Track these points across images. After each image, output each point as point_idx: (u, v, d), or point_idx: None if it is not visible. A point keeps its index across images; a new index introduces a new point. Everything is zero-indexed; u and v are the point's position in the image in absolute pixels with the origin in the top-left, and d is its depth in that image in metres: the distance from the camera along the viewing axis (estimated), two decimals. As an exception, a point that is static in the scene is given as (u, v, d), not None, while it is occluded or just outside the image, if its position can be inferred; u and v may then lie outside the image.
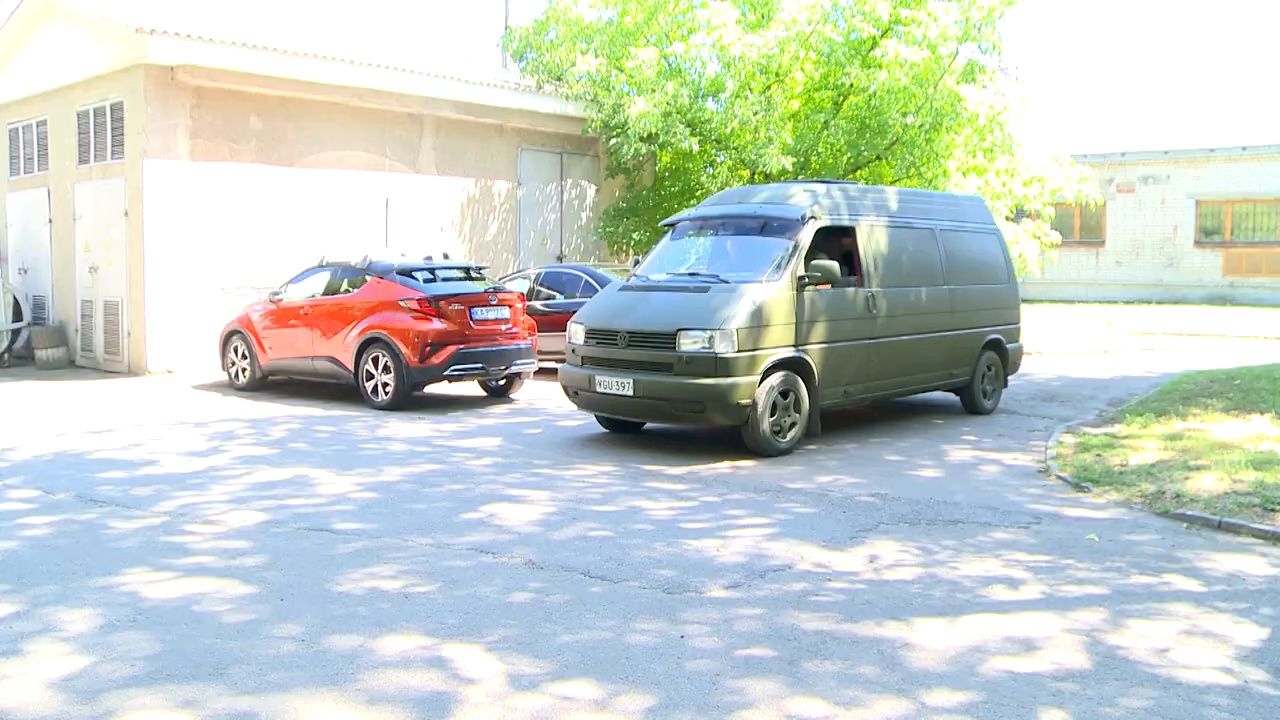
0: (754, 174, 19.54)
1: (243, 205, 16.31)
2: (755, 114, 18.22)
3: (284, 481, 8.49)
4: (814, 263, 9.86)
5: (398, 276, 13.02)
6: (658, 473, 8.94)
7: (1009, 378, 12.89)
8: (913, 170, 18.85)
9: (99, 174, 16.69)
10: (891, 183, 19.85)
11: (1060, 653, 4.86)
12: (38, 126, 18.57)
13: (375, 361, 12.72)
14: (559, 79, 20.46)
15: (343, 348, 13.06)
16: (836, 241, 10.75)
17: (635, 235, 20.47)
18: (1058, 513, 7.54)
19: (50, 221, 18.18)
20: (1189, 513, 7.28)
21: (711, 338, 9.27)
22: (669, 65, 19.70)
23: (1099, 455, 9.24)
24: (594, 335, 10.11)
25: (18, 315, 17.59)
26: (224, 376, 14.89)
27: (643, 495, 8.08)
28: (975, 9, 17.56)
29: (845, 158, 19.83)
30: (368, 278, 13.27)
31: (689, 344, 9.34)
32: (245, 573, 6.03)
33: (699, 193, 20.58)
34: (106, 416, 11.94)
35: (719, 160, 20.06)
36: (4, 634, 5.06)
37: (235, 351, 14.52)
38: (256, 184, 16.45)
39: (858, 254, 10.64)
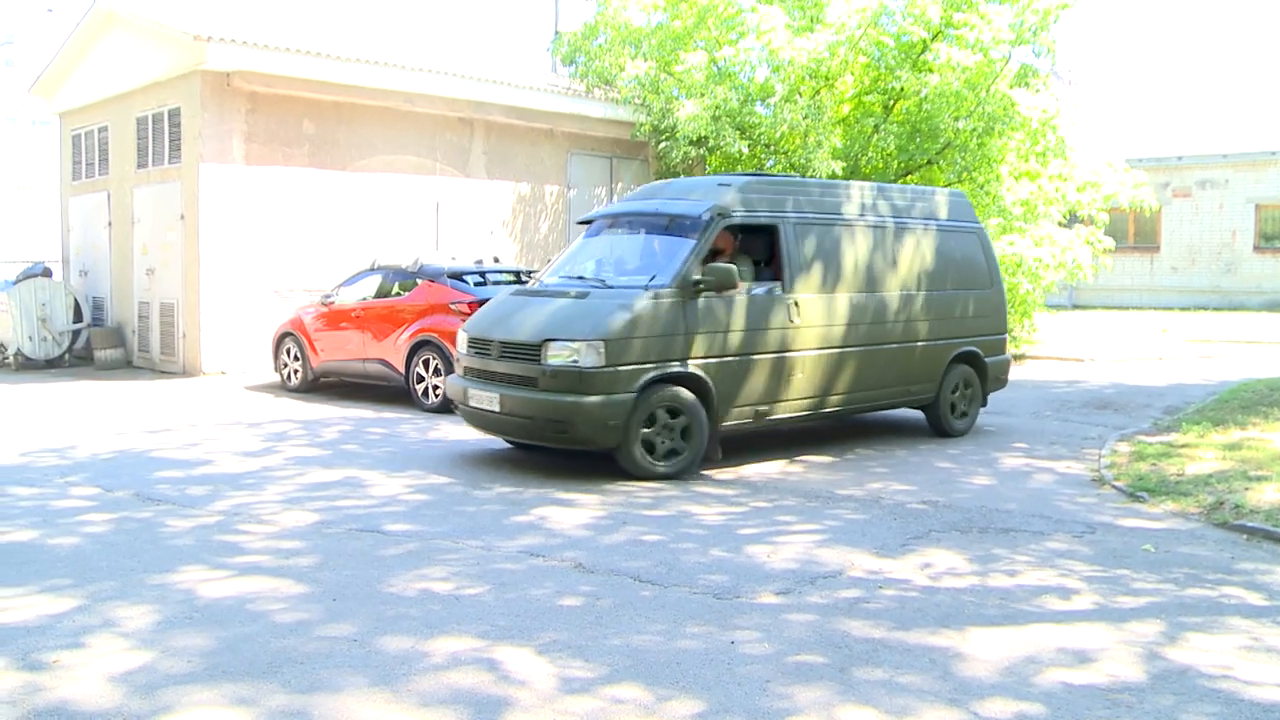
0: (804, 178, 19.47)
1: (296, 209, 16.50)
2: (804, 118, 18.14)
3: (336, 482, 8.57)
4: (708, 266, 8.86)
5: (448, 280, 13.11)
6: (707, 478, 8.92)
7: (991, 394, 11.72)
8: (965, 175, 18.68)
9: (157, 178, 16.96)
10: (942, 188, 19.68)
11: (1116, 665, 4.79)
12: (99, 133, 18.92)
13: (426, 364, 12.81)
14: (608, 83, 20.50)
15: (394, 350, 13.17)
16: (765, 240, 9.70)
17: (684, 239, 20.41)
18: (1113, 522, 7.43)
19: (109, 225, 18.51)
20: (1249, 524, 7.14)
21: (577, 350, 8.43)
22: (718, 69, 19.67)
23: (1155, 464, 9.10)
24: (474, 345, 9.33)
25: (78, 316, 17.91)
26: (276, 378, 15.07)
27: (692, 500, 8.07)
28: (1030, 12, 17.37)
29: (895, 162, 19.69)
30: (419, 281, 13.38)
31: (555, 357, 8.50)
32: (298, 573, 6.10)
33: (748, 197, 20.49)
34: (163, 416, 12.12)
35: (768, 164, 19.99)
36: (67, 628, 5.15)
37: (287, 353, 14.69)
38: (309, 188, 16.63)
39: (778, 255, 9.57)
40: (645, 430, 8.66)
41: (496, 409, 8.90)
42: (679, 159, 19.01)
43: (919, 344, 10.66)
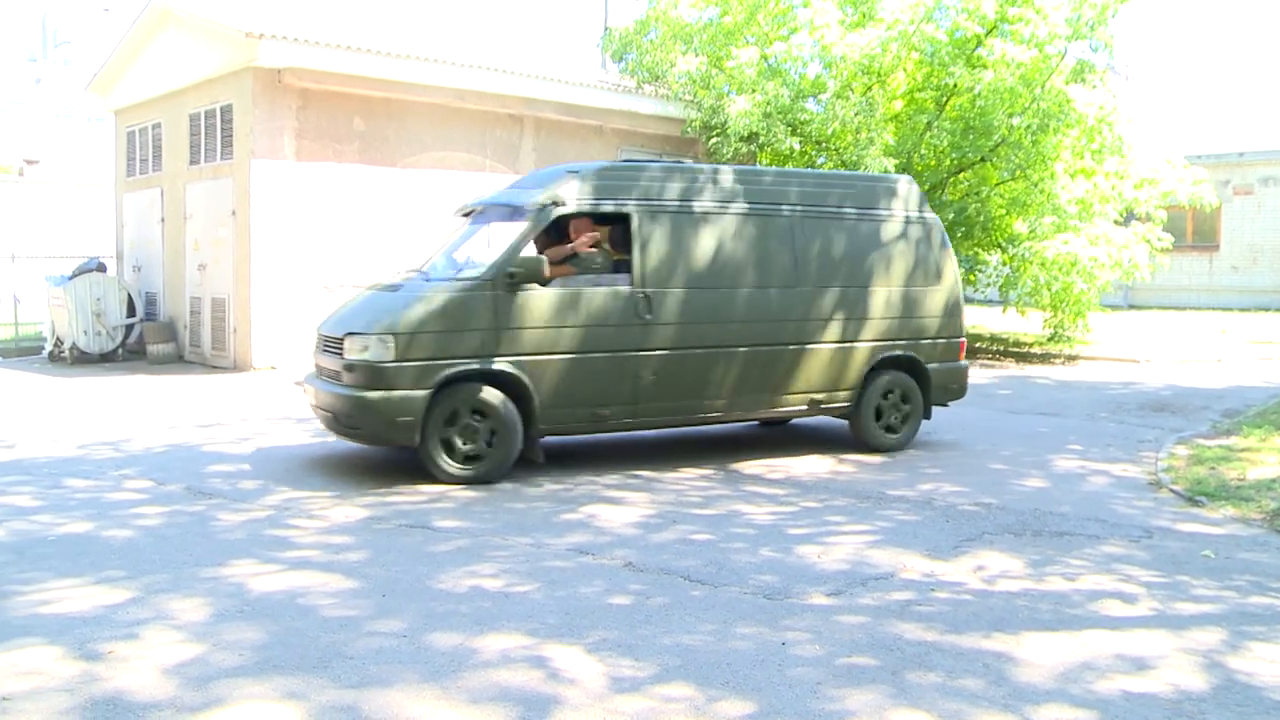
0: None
1: (345, 205, 16.61)
2: (856, 115, 18.00)
3: (385, 478, 8.60)
4: (520, 258, 8.43)
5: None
6: (757, 477, 8.86)
7: (938, 405, 10.55)
8: (1018, 173, 18.46)
9: (209, 174, 17.14)
10: (996, 185, 19.47)
11: (1176, 673, 4.68)
12: (153, 129, 19.16)
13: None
14: (658, 79, 20.46)
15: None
16: (624, 231, 9.06)
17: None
18: (1170, 527, 7.29)
19: (162, 221, 18.73)
20: (1313, 530, 6.99)
21: (369, 344, 8.15)
22: (769, 65, 19.57)
23: (1214, 468, 8.92)
24: (319, 340, 9.11)
25: (131, 311, 18.15)
26: (326, 373, 15.14)
27: (742, 499, 8.02)
28: (1088, 6, 17.10)
29: (948, 160, 19.50)
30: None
31: (350, 351, 8.24)
32: (348, 568, 6.12)
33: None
34: (214, 411, 12.24)
35: (819, 162, 19.86)
36: (122, 619, 5.20)
37: (338, 349, 14.75)
38: (359, 184, 16.73)
39: (630, 246, 8.94)
40: (449, 429, 8.32)
41: (314, 403, 8.81)
42: (729, 155, 18.93)
43: (824, 346, 9.67)
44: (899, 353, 10.08)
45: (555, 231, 9.05)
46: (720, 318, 9.21)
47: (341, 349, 8.36)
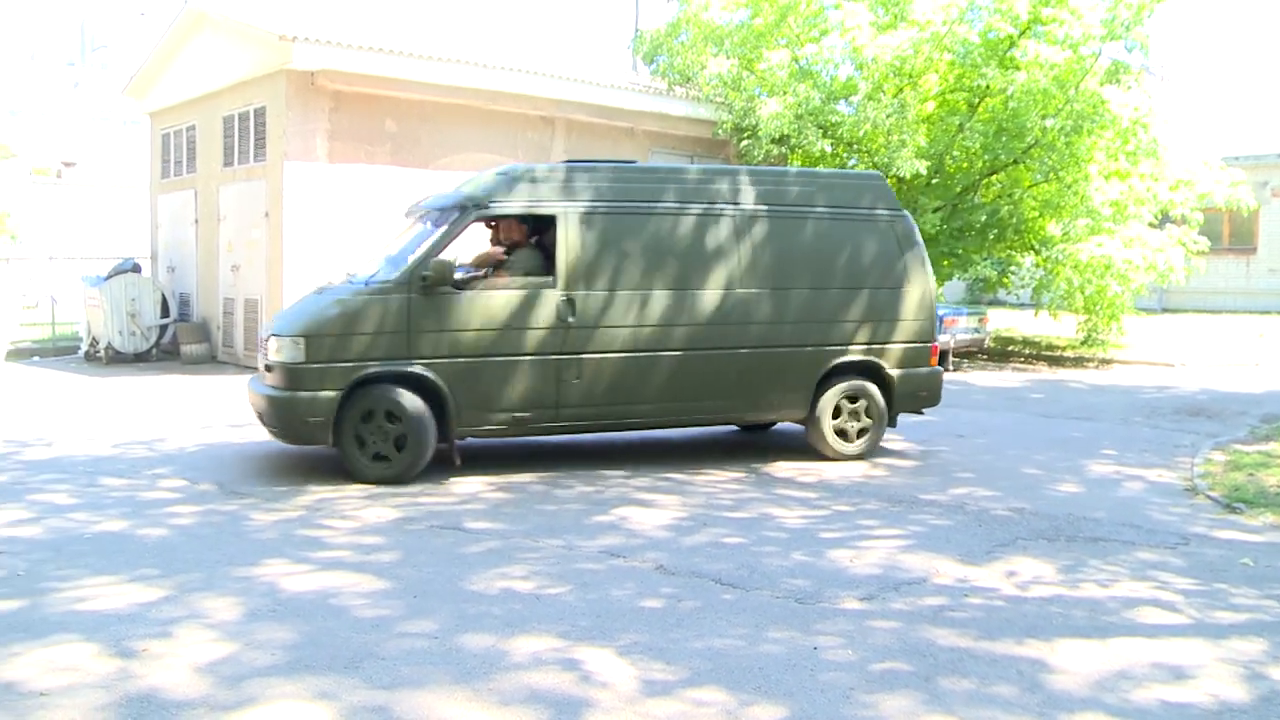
0: (886, 177, 19.22)
1: (378, 207, 16.65)
2: (888, 117, 17.92)
3: (416, 479, 8.62)
4: (432, 260, 8.38)
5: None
6: (789, 480, 8.83)
7: (908, 414, 10.14)
8: (1052, 175, 18.32)
9: (242, 176, 17.26)
10: (1029, 187, 19.33)
11: (1216, 684, 4.62)
12: (187, 132, 19.32)
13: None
14: (689, 81, 20.44)
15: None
16: (552, 233, 8.94)
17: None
18: (1208, 534, 7.20)
19: (196, 222, 18.88)
20: (1354, 537, 6.89)
21: (283, 345, 8.28)
22: (800, 67, 19.53)
23: (1252, 474, 8.81)
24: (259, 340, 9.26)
25: (165, 312, 18.29)
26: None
27: (774, 503, 7.99)
28: (1124, 6, 16.96)
29: (980, 161, 19.38)
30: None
31: (272, 352, 8.40)
32: (379, 568, 6.13)
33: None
34: (246, 411, 12.25)
35: (851, 164, 19.78)
36: (156, 617, 5.24)
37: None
38: (391, 186, 16.79)
39: (555, 248, 8.81)
40: (364, 429, 8.36)
41: (250, 402, 8.96)
42: (761, 158, 18.89)
43: (769, 350, 9.34)
44: (857, 358, 9.67)
45: (502, 233, 9.21)
46: (652, 321, 9.00)
47: (267, 350, 8.55)
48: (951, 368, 17.66)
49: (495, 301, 8.64)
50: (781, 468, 9.32)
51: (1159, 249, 18.32)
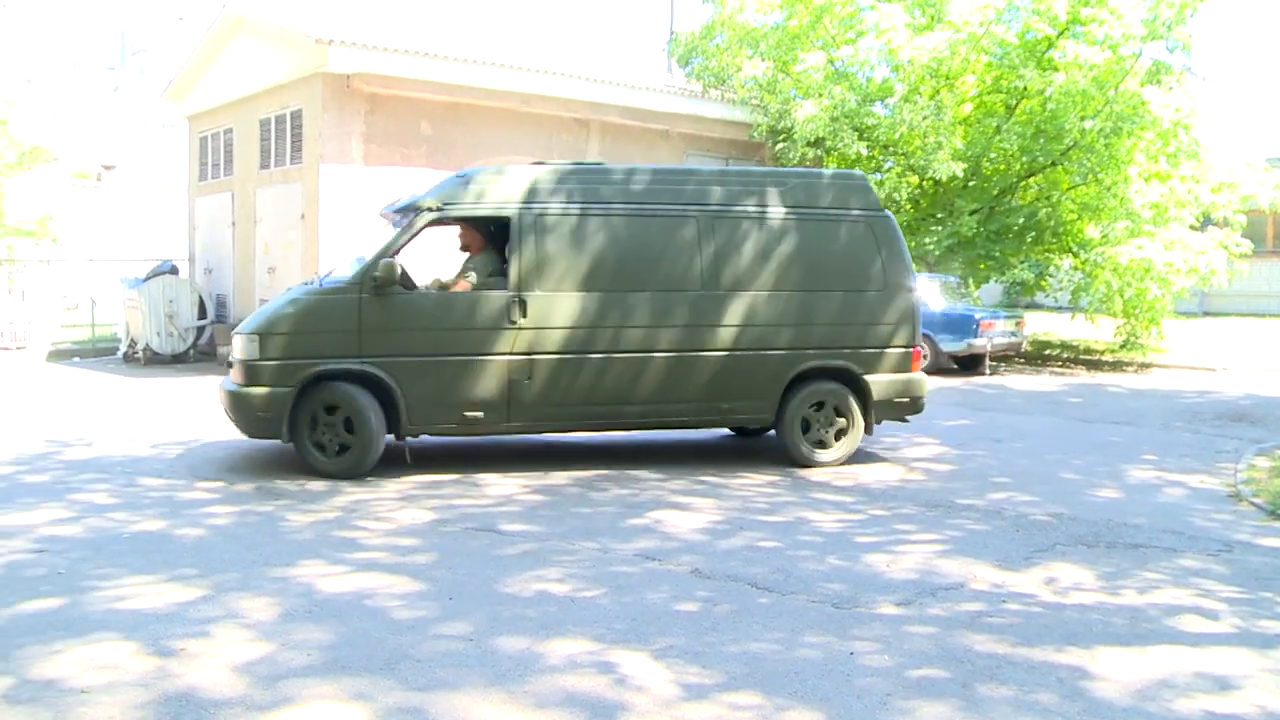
0: (922, 180, 19.13)
1: (414, 209, 16.74)
2: (924, 118, 17.83)
3: (451, 481, 8.64)
4: (381, 262, 8.53)
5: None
6: (825, 484, 8.77)
7: (889, 421, 9.80)
8: (1090, 177, 18.14)
9: (279, 178, 17.39)
10: (1067, 190, 19.16)
11: (1262, 694, 4.54)
12: (224, 135, 19.50)
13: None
14: (724, 83, 20.42)
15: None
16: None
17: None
18: (1251, 541, 7.09)
19: (233, 224, 19.04)
20: (1402, 545, 6.76)
21: (241, 343, 8.65)
22: (836, 69, 19.46)
23: (1297, 480, 8.68)
24: None
25: (202, 313, 18.46)
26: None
27: (810, 506, 7.94)
28: (1165, 6, 16.77)
29: (1018, 163, 19.23)
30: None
31: (234, 349, 8.79)
32: (415, 570, 6.14)
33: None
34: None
35: (887, 166, 19.69)
36: (194, 616, 5.27)
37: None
38: (426, 188, 16.85)
39: (508, 250, 8.87)
40: (317, 425, 8.62)
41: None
42: (796, 160, 18.84)
43: (732, 353, 9.15)
44: (829, 362, 9.38)
45: (463, 236, 9.43)
46: (606, 323, 8.93)
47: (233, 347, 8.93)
48: (988, 371, 17.53)
49: (446, 302, 8.85)
50: (817, 471, 9.26)
51: (1200, 252, 18.11)
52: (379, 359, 8.55)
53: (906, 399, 9.62)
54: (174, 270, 18.67)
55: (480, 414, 8.79)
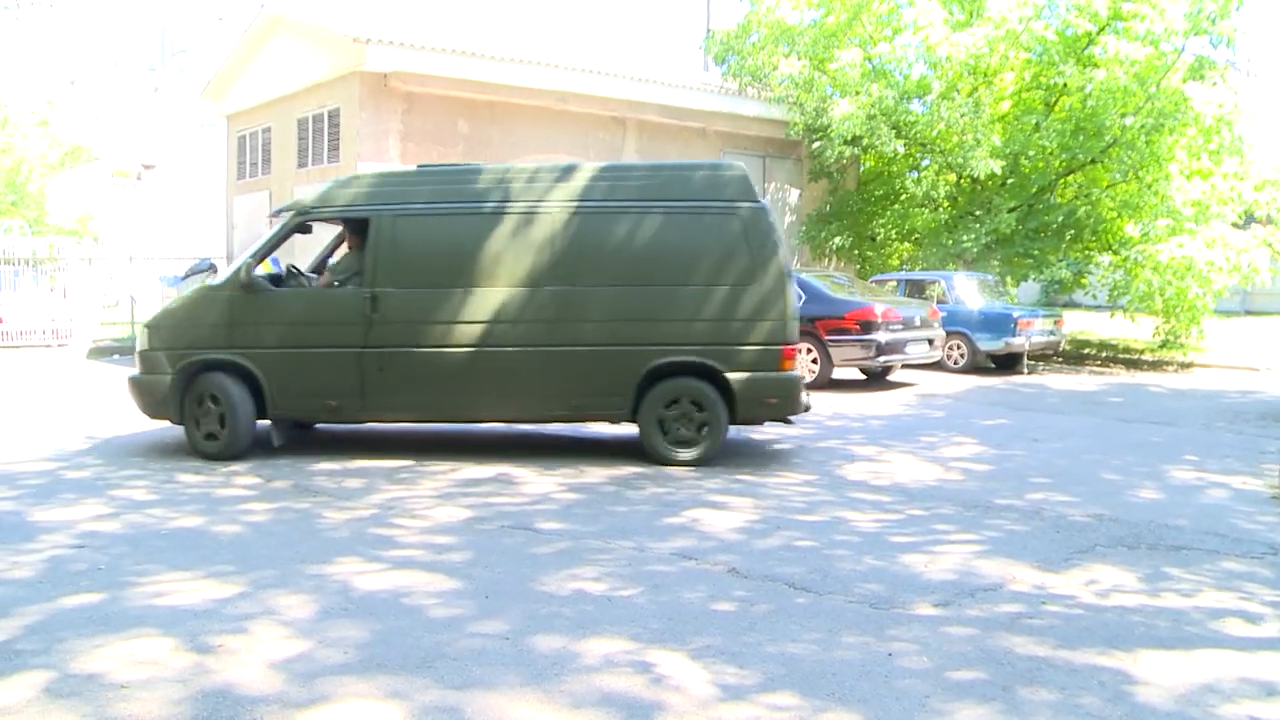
0: (960, 178, 18.97)
1: (450, 207, 16.80)
2: (962, 116, 17.69)
3: (488, 479, 8.65)
4: (244, 263, 9.39)
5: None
6: (862, 484, 8.71)
7: (754, 423, 9.79)
8: (1131, 174, 17.93)
9: (316, 176, 17.49)
10: (1107, 187, 18.95)
11: (1310, 699, 4.46)
12: (262, 134, 19.64)
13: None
14: (761, 82, 20.35)
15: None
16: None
17: (837, 240, 20.14)
18: (1298, 543, 6.97)
19: (271, 222, 19.16)
20: None
21: (139, 333, 9.61)
22: (873, 67, 19.34)
23: (1343, 481, 8.53)
24: None
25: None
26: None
27: (847, 506, 7.88)
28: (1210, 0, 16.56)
29: (1058, 161, 19.04)
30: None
31: (137, 339, 9.72)
32: (451, 568, 6.15)
33: (903, 197, 20.11)
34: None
35: (924, 164, 19.56)
36: (231, 613, 5.30)
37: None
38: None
39: (367, 249, 9.31)
40: (198, 410, 9.33)
41: None
42: (833, 158, 18.75)
43: (581, 348, 9.12)
44: (686, 358, 9.17)
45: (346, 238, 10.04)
46: (458, 318, 9.17)
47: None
48: (1026, 370, 17.37)
49: (308, 298, 9.62)
50: (854, 470, 9.21)
51: (1243, 250, 17.85)
52: (245, 350, 9.29)
53: (776, 399, 9.31)
54: (212, 268, 18.77)
55: (336, 403, 9.42)
